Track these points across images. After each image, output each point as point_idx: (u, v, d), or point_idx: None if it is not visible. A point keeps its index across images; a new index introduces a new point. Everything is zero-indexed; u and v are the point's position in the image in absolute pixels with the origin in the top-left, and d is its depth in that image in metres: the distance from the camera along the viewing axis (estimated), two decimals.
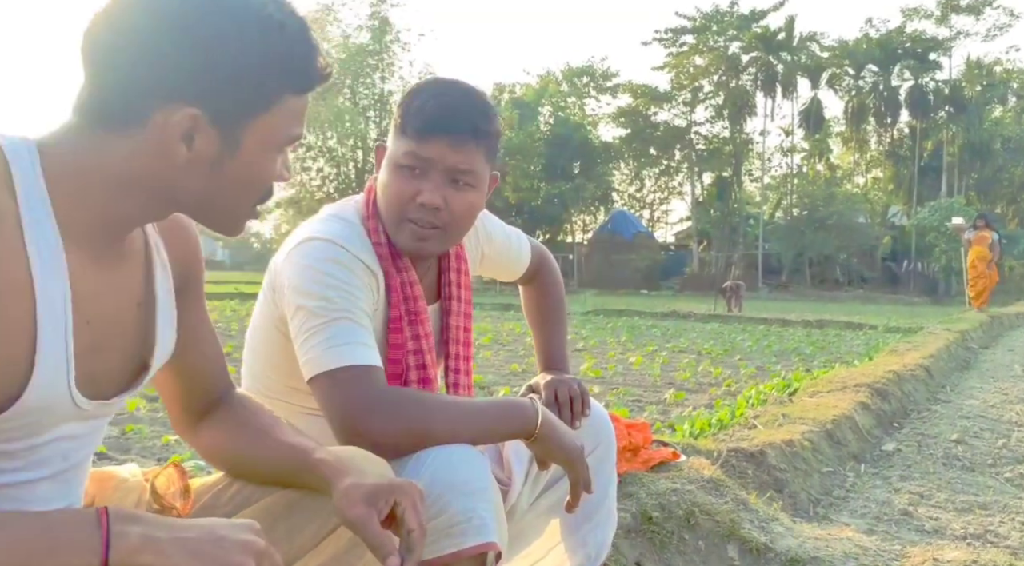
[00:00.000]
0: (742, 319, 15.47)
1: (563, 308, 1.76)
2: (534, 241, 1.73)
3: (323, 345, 1.20)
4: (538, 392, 1.58)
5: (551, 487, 1.55)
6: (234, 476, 1.07)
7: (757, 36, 40.47)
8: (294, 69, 0.85)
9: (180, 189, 0.84)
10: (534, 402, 1.27)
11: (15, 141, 0.79)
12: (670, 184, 45.71)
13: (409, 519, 0.93)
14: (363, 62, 36.44)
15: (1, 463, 0.82)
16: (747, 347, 9.57)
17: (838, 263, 38.83)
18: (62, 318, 0.80)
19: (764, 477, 2.98)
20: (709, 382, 6.29)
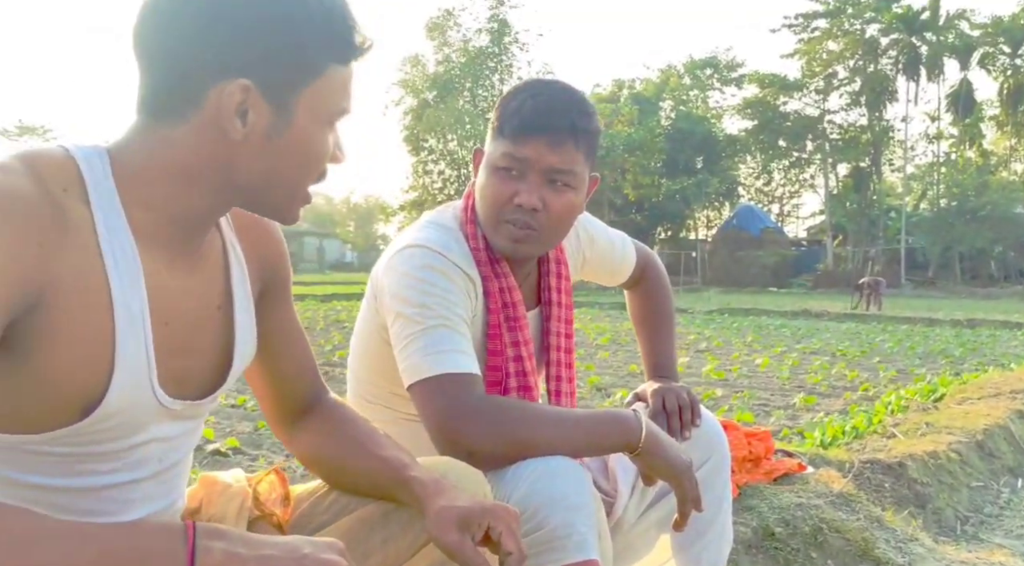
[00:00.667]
0: (882, 318, 14.60)
1: (671, 313, 1.68)
2: (639, 244, 1.67)
3: (421, 352, 1.19)
4: (645, 400, 1.51)
5: (660, 500, 1.48)
6: (330, 484, 1.07)
7: (898, 17, 38.08)
8: (335, 37, 0.84)
9: (238, 170, 0.84)
10: (638, 414, 1.21)
11: (87, 150, 0.81)
12: (801, 176, 43.85)
13: (507, 543, 0.91)
14: (482, 65, 36.98)
15: (99, 464, 0.85)
16: (887, 348, 9.01)
17: (992, 257, 35.96)
18: (140, 320, 0.82)
19: (903, 491, 2.76)
20: (844, 386, 5.94)
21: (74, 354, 0.78)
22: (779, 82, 40.04)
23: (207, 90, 0.80)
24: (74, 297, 0.77)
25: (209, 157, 0.82)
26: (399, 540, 0.99)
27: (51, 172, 0.77)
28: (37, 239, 0.74)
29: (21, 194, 0.74)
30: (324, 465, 1.08)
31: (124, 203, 0.81)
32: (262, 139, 0.83)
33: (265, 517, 1.01)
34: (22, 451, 0.80)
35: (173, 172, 0.82)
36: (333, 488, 1.07)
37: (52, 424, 0.79)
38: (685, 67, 44.58)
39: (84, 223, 0.78)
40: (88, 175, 0.79)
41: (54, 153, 0.80)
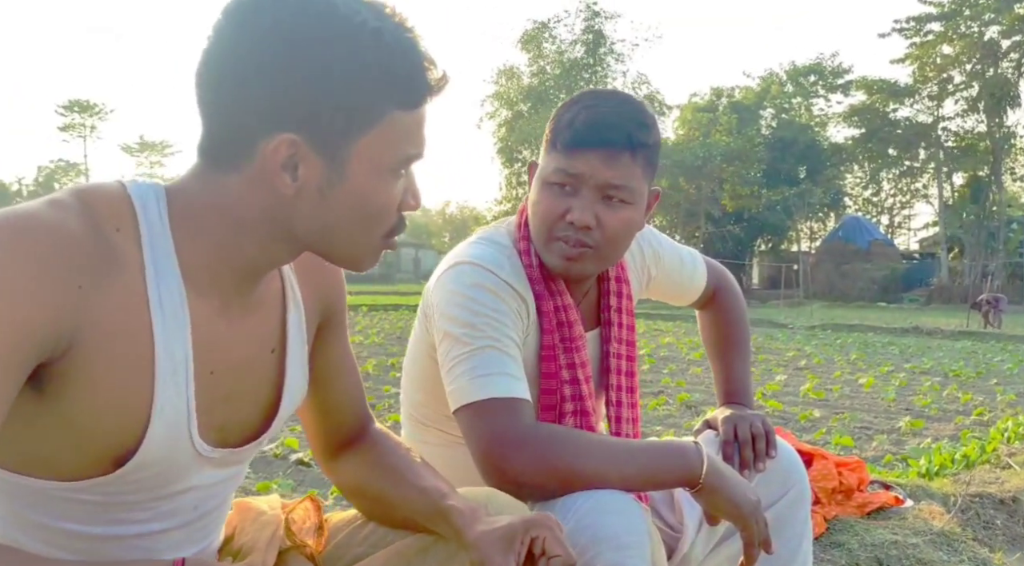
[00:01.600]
0: (1001, 337, 13.67)
1: (745, 335, 1.58)
2: (712, 261, 1.57)
3: (467, 375, 1.14)
4: (716, 428, 1.42)
5: (731, 536, 1.38)
6: (368, 516, 1.04)
7: (1021, 18, 35.80)
8: (396, 81, 0.78)
9: (295, 224, 0.81)
10: (699, 446, 1.12)
11: (144, 188, 0.79)
12: (912, 186, 41.81)
13: (552, 547, 0.86)
14: (577, 76, 37.01)
15: (131, 513, 0.82)
16: (1006, 369, 8.40)
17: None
18: (183, 369, 0.79)
19: (1018, 530, 2.53)
20: (956, 410, 5.56)
21: (108, 402, 0.75)
22: (889, 88, 38.33)
23: (257, 143, 0.76)
24: (113, 342, 0.74)
25: (262, 210, 0.80)
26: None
27: (105, 210, 0.75)
28: (78, 281, 0.71)
29: (68, 232, 0.71)
30: (364, 496, 1.04)
31: (177, 246, 0.78)
32: (315, 193, 0.79)
33: (297, 547, 0.98)
34: (52, 496, 0.79)
35: (227, 220, 0.80)
36: (370, 520, 1.04)
37: (83, 473, 0.78)
38: (787, 74, 43.27)
39: (133, 265, 0.75)
40: (142, 215, 0.77)
41: (110, 190, 0.78)
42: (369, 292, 27.80)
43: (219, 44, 0.76)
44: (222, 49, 0.76)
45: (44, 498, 0.78)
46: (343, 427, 1.06)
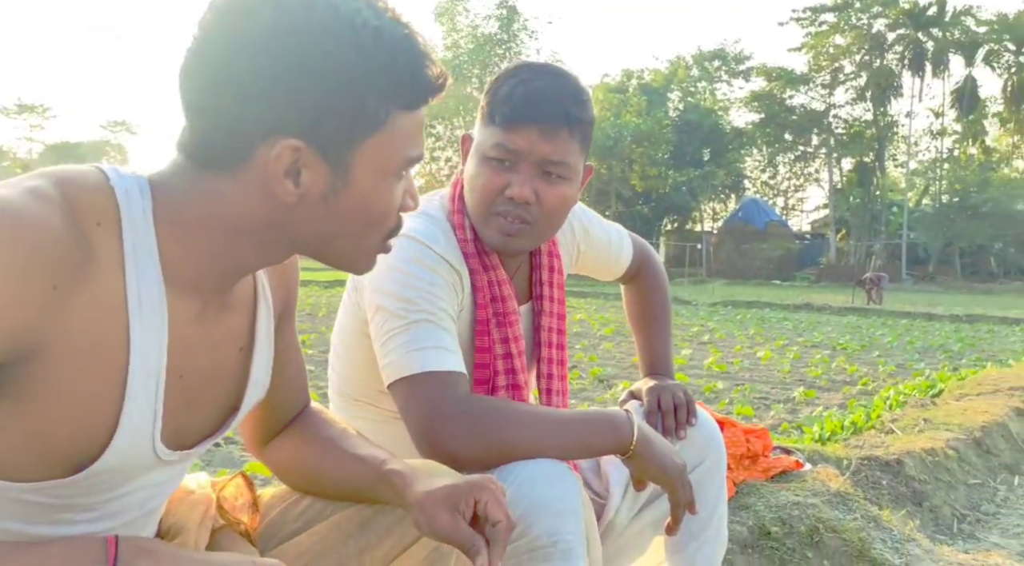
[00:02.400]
0: (882, 312, 14.56)
1: (668, 309, 1.64)
2: (636, 237, 1.62)
3: (402, 348, 1.14)
4: (640, 398, 1.48)
5: (654, 501, 1.45)
6: (303, 491, 1.02)
7: (904, 12, 37.91)
8: (399, 82, 0.75)
9: (296, 230, 0.78)
10: (630, 414, 1.17)
11: (127, 180, 0.74)
12: (806, 170, 43.75)
13: (494, 512, 0.86)
14: (491, 51, 36.85)
15: (78, 514, 0.78)
16: (887, 343, 8.97)
17: (992, 253, 35.90)
18: (154, 377, 0.74)
19: (901, 489, 2.74)
20: (843, 380, 5.91)
21: (75, 408, 0.71)
22: (786, 76, 39.89)
23: (255, 149, 0.73)
24: (86, 346, 0.69)
25: (260, 215, 0.76)
26: (375, 550, 0.94)
27: (87, 203, 0.70)
28: (52, 281, 0.66)
29: (49, 228, 0.66)
30: (298, 471, 1.02)
31: (161, 246, 0.74)
32: (318, 199, 0.76)
33: (231, 525, 0.95)
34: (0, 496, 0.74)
35: (220, 224, 0.75)
36: (306, 495, 1.02)
37: (39, 475, 0.73)
38: (694, 59, 44.36)
39: (112, 263, 0.70)
40: (125, 210, 0.72)
41: (92, 179, 0.72)
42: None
43: (211, 43, 0.72)
44: (215, 49, 0.72)
45: None
46: (286, 413, 1.03)
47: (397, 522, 0.94)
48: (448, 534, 0.85)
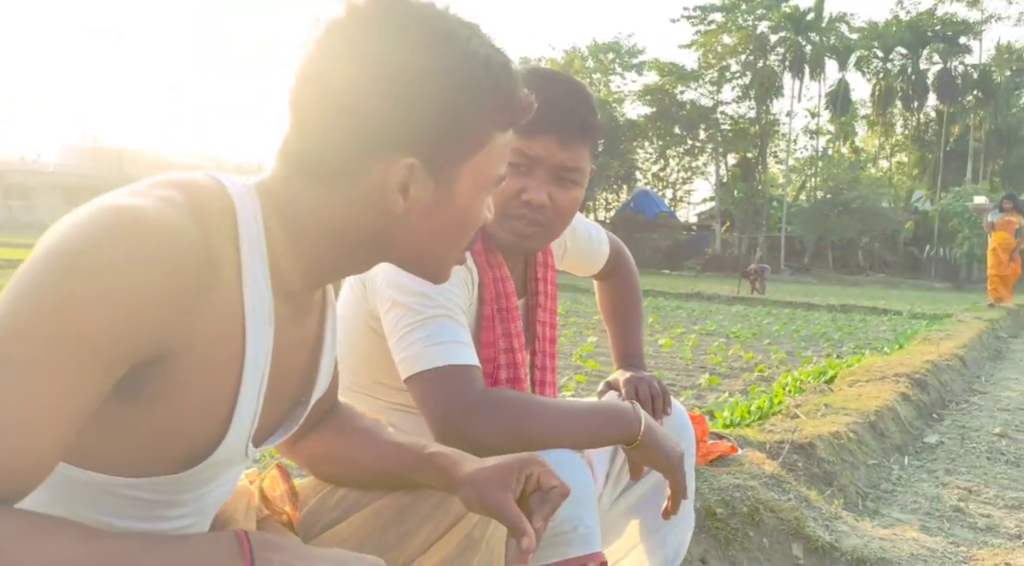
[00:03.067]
0: (766, 302, 15.35)
1: (640, 304, 1.72)
2: (612, 235, 1.69)
3: (421, 343, 1.17)
4: (617, 389, 1.55)
5: (631, 487, 1.52)
6: (339, 483, 1.04)
7: (786, 16, 39.83)
8: (501, 105, 0.81)
9: (395, 240, 0.82)
10: (636, 407, 1.24)
11: (239, 187, 0.77)
12: (693, 164, 45.37)
13: (548, 479, 0.91)
14: None
15: (171, 510, 0.80)
16: (775, 331, 9.50)
17: (860, 247, 38.45)
18: (260, 377, 0.78)
19: (814, 470, 2.95)
20: (741, 367, 6.23)
21: (195, 407, 0.73)
22: (677, 71, 41.15)
23: (369, 164, 0.76)
24: (210, 349, 0.72)
25: (365, 225, 0.79)
26: (415, 535, 0.98)
27: (211, 210, 0.72)
28: (189, 288, 0.68)
29: (184, 236, 0.68)
30: (330, 461, 1.04)
31: (270, 251, 0.77)
32: (422, 213, 0.80)
33: (274, 515, 0.98)
34: (106, 492, 0.75)
35: (325, 233, 0.79)
36: (337, 484, 1.04)
37: (152, 471, 0.75)
38: (589, 50, 45.10)
39: (231, 269, 0.73)
40: (242, 217, 0.75)
41: (211, 187, 0.75)
42: None
43: (331, 63, 0.75)
44: (336, 69, 0.75)
45: (94, 492, 0.74)
46: (322, 408, 1.04)
47: (434, 509, 0.98)
48: (499, 511, 0.89)
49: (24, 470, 0.61)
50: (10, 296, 0.62)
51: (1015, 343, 8.98)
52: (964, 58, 40.96)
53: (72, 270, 0.62)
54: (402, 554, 0.96)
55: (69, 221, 0.66)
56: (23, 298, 0.62)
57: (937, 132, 41.43)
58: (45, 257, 0.63)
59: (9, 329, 0.61)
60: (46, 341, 0.61)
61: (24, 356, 0.60)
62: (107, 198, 0.68)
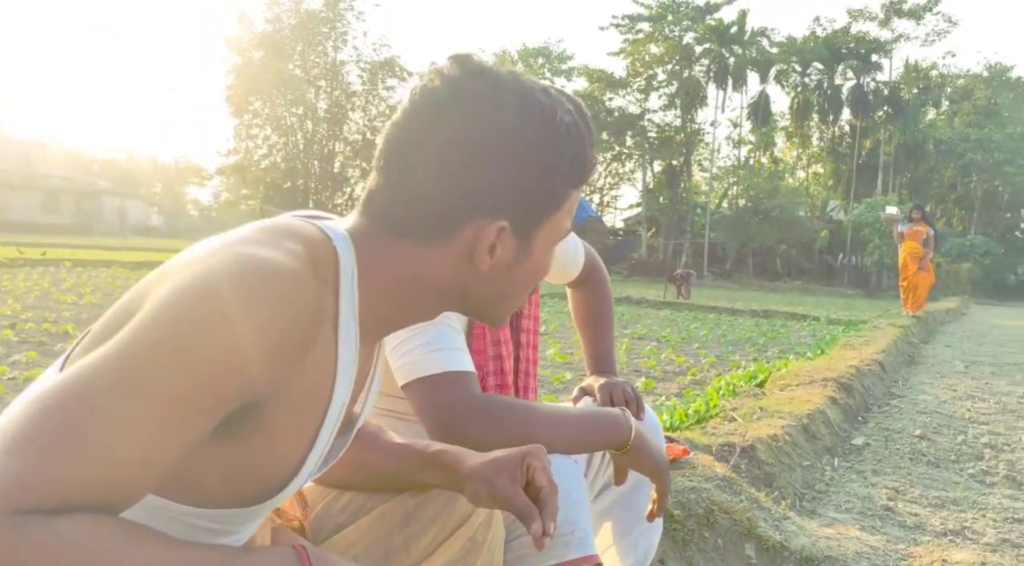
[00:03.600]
0: (693, 307, 15.76)
1: (611, 311, 1.76)
2: (587, 245, 1.72)
3: (420, 349, 1.17)
4: (592, 395, 1.58)
5: (605, 491, 1.55)
6: (343, 488, 1.06)
7: (711, 28, 40.98)
8: (578, 167, 0.85)
9: (473, 293, 0.86)
10: (626, 413, 1.27)
11: (341, 238, 0.79)
12: (620, 170, 46.17)
13: (539, 477, 0.94)
14: (315, 29, 35.62)
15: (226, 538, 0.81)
16: (703, 335, 9.76)
17: (779, 254, 39.88)
18: (336, 418, 0.80)
19: (756, 471, 3.05)
20: (674, 371, 6.38)
21: (279, 446, 0.76)
22: (606, 78, 41.84)
23: (463, 226, 0.80)
24: (302, 397, 0.75)
25: (450, 280, 0.83)
26: (421, 539, 1.00)
27: (322, 263, 0.75)
28: (303, 339, 0.71)
29: (308, 292, 0.71)
30: (340, 469, 1.04)
31: (360, 301, 0.80)
32: (504, 269, 0.85)
33: (286, 522, 0.98)
34: (170, 518, 0.74)
35: (414, 287, 0.83)
36: (340, 488, 1.05)
37: (225, 503, 0.75)
38: (519, 54, 45.38)
39: (331, 317, 0.76)
40: (344, 270, 0.78)
41: (320, 239, 0.78)
42: (68, 245, 24.65)
43: (428, 130, 0.79)
44: (433, 136, 0.79)
45: (158, 519, 0.73)
46: None
47: (439, 512, 1.00)
48: (507, 500, 0.92)
49: (123, 492, 0.63)
50: (143, 328, 0.65)
51: (926, 349, 9.47)
52: (875, 75, 42.99)
53: (206, 312, 0.65)
54: (408, 557, 0.98)
55: (201, 266, 0.69)
56: (155, 330, 0.65)
57: (851, 145, 43.33)
58: (181, 295, 0.66)
59: (138, 356, 0.64)
60: (171, 375, 0.63)
61: (147, 385, 0.63)
62: (236, 243, 0.71)
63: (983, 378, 6.90)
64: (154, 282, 0.73)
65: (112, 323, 0.72)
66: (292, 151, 37.16)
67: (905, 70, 43.45)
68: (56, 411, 0.60)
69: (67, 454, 0.59)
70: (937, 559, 2.08)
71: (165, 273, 0.73)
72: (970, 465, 3.87)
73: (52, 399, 0.61)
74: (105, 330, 0.72)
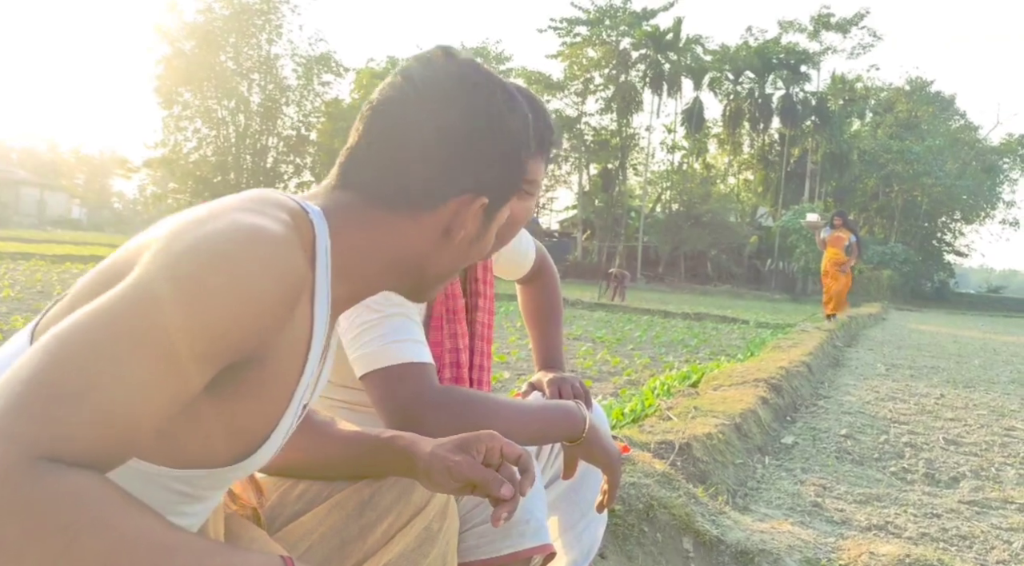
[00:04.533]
0: (627, 309, 16.01)
1: (560, 308, 1.78)
2: (538, 242, 1.73)
3: (379, 341, 1.17)
4: (541, 389, 1.59)
5: (552, 484, 1.56)
6: (299, 478, 1.05)
7: (647, 34, 41.69)
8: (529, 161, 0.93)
9: (432, 266, 0.89)
10: (580, 406, 1.28)
11: (316, 212, 0.81)
12: (557, 172, 46.55)
13: (511, 450, 0.96)
14: (249, 21, 34.84)
15: (195, 505, 0.81)
16: (637, 337, 9.93)
17: (709, 258, 40.82)
18: (306, 388, 0.82)
19: (691, 469, 3.11)
20: (609, 371, 6.47)
21: (258, 409, 0.77)
22: (544, 80, 42.15)
23: (448, 200, 0.85)
24: (284, 359, 0.77)
25: (419, 250, 0.87)
26: (376, 528, 1.00)
27: (302, 231, 0.78)
28: (291, 302, 0.74)
29: (296, 256, 0.74)
30: (296, 458, 1.04)
31: (333, 273, 0.82)
32: (466, 243, 0.90)
33: (240, 509, 0.98)
34: (148, 482, 0.74)
35: (382, 258, 0.86)
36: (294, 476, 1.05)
37: (202, 463, 0.76)
38: None
39: (308, 287, 0.78)
40: (319, 241, 0.80)
41: (298, 210, 0.80)
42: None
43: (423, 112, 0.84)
44: (428, 118, 0.84)
45: (135, 482, 0.72)
46: None
47: (395, 501, 1.01)
48: (467, 472, 0.93)
49: (125, 440, 0.63)
50: (141, 287, 0.66)
51: (849, 352, 9.83)
52: (804, 85, 44.44)
53: (204, 273, 0.67)
54: (364, 545, 0.99)
55: (198, 231, 0.70)
56: (154, 289, 0.66)
57: (780, 153, 44.67)
58: (179, 257, 0.68)
59: (137, 313, 0.64)
60: (170, 331, 0.64)
61: (147, 340, 0.64)
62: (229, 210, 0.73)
63: (903, 380, 7.21)
64: (141, 249, 0.73)
65: (99, 285, 0.72)
66: (223, 145, 36.24)
67: (832, 81, 45.04)
68: (67, 360, 0.60)
69: (80, 405, 0.59)
70: (865, 551, 2.16)
71: (151, 241, 0.73)
72: (892, 463, 4.04)
73: (60, 347, 0.61)
74: (85, 292, 0.73)
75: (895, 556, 2.11)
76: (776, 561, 2.14)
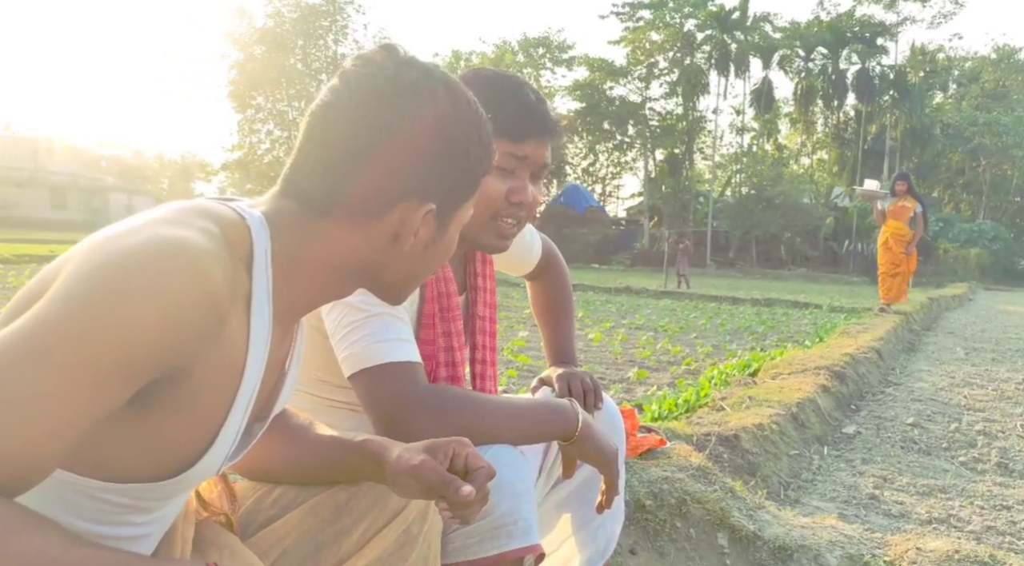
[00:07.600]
0: (693, 296, 15.73)
1: (571, 302, 1.75)
2: (544, 236, 1.71)
3: (365, 341, 1.16)
4: (551, 385, 1.56)
5: (563, 481, 1.54)
6: (275, 482, 1.05)
7: (712, 14, 40.73)
8: (491, 154, 0.91)
9: (387, 272, 0.88)
10: (573, 404, 1.26)
11: (255, 218, 0.80)
12: (622, 159, 46.06)
13: (475, 460, 0.95)
14: (316, 23, 35.57)
15: (139, 516, 0.81)
16: (701, 325, 9.73)
17: (783, 242, 39.71)
18: (249, 397, 0.81)
19: (739, 461, 3.03)
20: (669, 361, 6.36)
21: (191, 421, 0.76)
22: (606, 67, 41.66)
23: (394, 207, 0.83)
24: (216, 371, 0.76)
25: (369, 259, 0.86)
26: (351, 533, 1.00)
27: (236, 241, 0.77)
28: (218, 314, 0.72)
29: (220, 268, 0.72)
30: (272, 463, 1.05)
31: (274, 282, 0.81)
32: (420, 249, 0.88)
33: (213, 516, 0.98)
34: (82, 494, 0.75)
35: (329, 266, 0.84)
36: (271, 482, 1.05)
37: (135, 477, 0.76)
38: (519, 44, 45.23)
39: (244, 297, 0.77)
40: (257, 249, 0.79)
41: (234, 218, 0.79)
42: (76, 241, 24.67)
43: (361, 117, 0.81)
44: (367, 122, 0.81)
45: (71, 494, 0.74)
46: None
47: (371, 505, 1.00)
48: (429, 474, 0.91)
49: (33, 466, 0.63)
50: (56, 302, 0.65)
51: (927, 336, 9.42)
52: (881, 59, 42.67)
53: (121, 288, 0.66)
54: (339, 550, 0.99)
55: (116, 244, 0.69)
56: (69, 304, 0.65)
57: (856, 130, 43.07)
58: (95, 271, 0.67)
59: (51, 330, 0.64)
60: (84, 347, 0.64)
61: (60, 357, 0.63)
62: (151, 224, 0.72)
63: (983, 365, 6.86)
64: (63, 263, 0.73)
65: (23, 302, 0.72)
66: (294, 145, 37.18)
67: (911, 53, 43.14)
68: None
69: None
70: (911, 547, 2.06)
71: (75, 254, 0.73)
72: (961, 453, 3.85)
73: None
74: (15, 310, 0.73)
75: (943, 552, 2.01)
76: (816, 557, 2.06)
